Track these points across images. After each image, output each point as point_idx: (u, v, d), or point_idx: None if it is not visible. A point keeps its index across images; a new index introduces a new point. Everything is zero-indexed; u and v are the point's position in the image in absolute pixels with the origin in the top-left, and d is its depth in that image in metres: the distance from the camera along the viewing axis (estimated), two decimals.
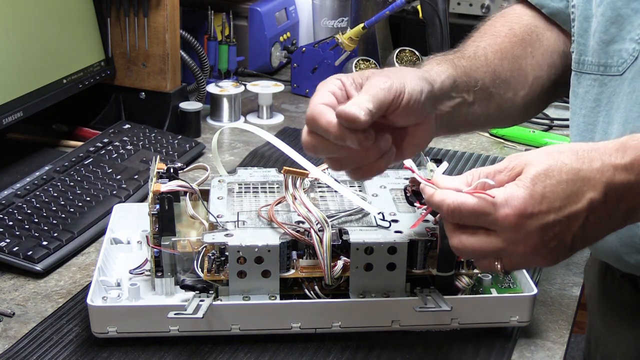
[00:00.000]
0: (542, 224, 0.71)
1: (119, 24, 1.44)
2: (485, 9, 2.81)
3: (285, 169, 0.91)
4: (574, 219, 0.72)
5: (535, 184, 0.71)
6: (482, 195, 0.72)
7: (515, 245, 0.73)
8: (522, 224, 0.71)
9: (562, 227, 0.72)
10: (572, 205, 0.72)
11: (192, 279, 0.90)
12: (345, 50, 1.64)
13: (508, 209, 0.71)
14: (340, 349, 0.90)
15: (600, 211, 0.72)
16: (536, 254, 0.73)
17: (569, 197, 0.71)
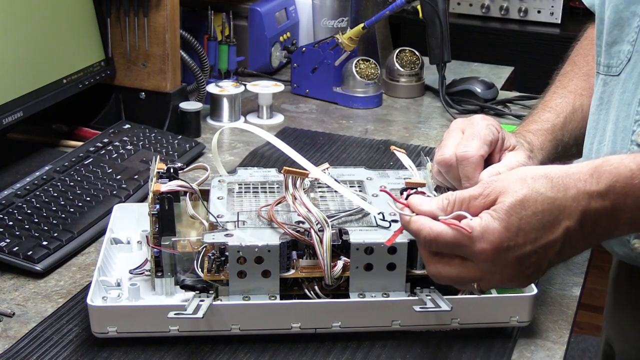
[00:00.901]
0: (519, 256, 0.73)
1: (119, 24, 1.44)
2: (485, 9, 2.81)
3: (285, 169, 0.91)
4: (550, 247, 0.73)
5: (511, 215, 0.72)
6: (458, 229, 0.73)
7: (492, 275, 0.74)
8: (499, 257, 0.72)
9: (539, 256, 0.73)
10: (548, 235, 0.72)
11: (192, 279, 0.90)
12: (345, 50, 1.64)
13: (485, 244, 0.72)
14: (340, 349, 0.90)
15: (576, 237, 0.73)
16: (513, 281, 0.75)
17: (544, 227, 0.72)
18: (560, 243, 0.73)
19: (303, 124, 1.57)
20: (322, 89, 1.69)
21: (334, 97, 1.68)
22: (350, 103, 1.66)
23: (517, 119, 1.58)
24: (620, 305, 1.11)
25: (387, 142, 1.47)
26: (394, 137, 1.50)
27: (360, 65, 1.66)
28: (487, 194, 0.74)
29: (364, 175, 1.05)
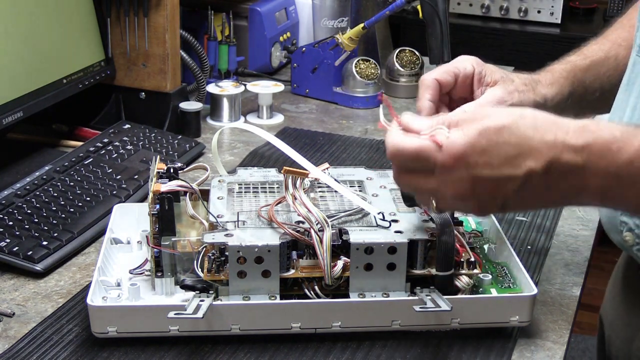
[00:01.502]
0: (474, 175, 0.73)
1: (119, 24, 1.44)
2: (485, 9, 2.81)
3: (285, 169, 0.91)
4: (508, 181, 0.73)
5: (482, 136, 0.73)
6: (426, 139, 0.74)
7: (446, 186, 0.75)
8: (456, 168, 0.73)
9: (494, 185, 0.73)
10: (509, 169, 0.72)
11: (192, 279, 0.90)
12: (345, 50, 1.64)
13: (447, 155, 0.73)
14: (340, 349, 0.90)
15: (537, 182, 0.73)
16: (465, 201, 0.75)
17: (508, 160, 0.72)
18: (519, 182, 0.72)
19: (303, 124, 1.57)
20: (322, 89, 1.69)
21: (334, 97, 1.68)
22: (350, 103, 1.66)
23: None
24: (616, 292, 1.11)
25: None
26: None
27: (360, 65, 1.66)
28: (475, 117, 0.74)
29: (364, 175, 1.05)
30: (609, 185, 0.72)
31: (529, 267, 1.06)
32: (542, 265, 1.08)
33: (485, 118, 0.74)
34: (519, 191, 0.73)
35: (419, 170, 0.77)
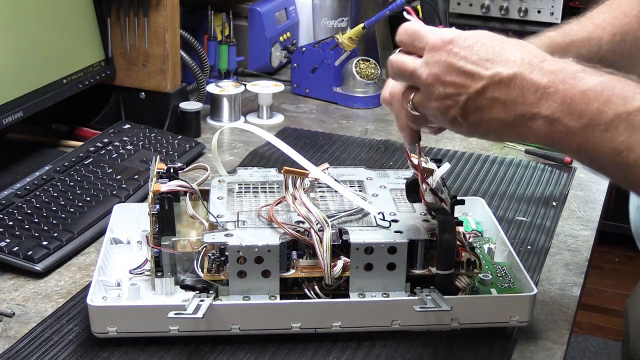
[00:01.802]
0: (450, 62, 0.77)
1: (119, 24, 1.44)
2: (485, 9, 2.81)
3: (285, 169, 0.91)
4: (475, 79, 0.76)
5: (473, 35, 0.78)
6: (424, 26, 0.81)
7: (425, 67, 0.78)
8: (440, 50, 0.78)
9: (462, 79, 0.77)
10: (478, 67, 0.76)
11: (192, 279, 0.90)
12: (345, 50, 1.64)
13: (437, 36, 0.79)
14: (340, 349, 0.90)
15: (499, 90, 0.75)
16: (433, 90, 0.78)
17: (482, 60, 0.76)
18: (483, 83, 0.76)
19: (303, 124, 1.57)
20: (322, 89, 1.69)
21: (334, 97, 1.68)
22: (350, 103, 1.66)
23: None
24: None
25: (387, 142, 1.47)
26: (394, 137, 1.50)
27: (360, 65, 1.66)
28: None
29: (364, 175, 1.05)
30: (560, 111, 0.73)
31: (529, 267, 1.06)
32: (542, 265, 1.08)
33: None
34: (480, 94, 0.76)
35: (411, 48, 0.81)
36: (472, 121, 0.78)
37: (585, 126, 0.71)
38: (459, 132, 0.81)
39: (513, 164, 1.39)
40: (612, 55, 0.98)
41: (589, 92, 0.72)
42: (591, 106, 0.71)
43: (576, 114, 0.72)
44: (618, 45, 0.98)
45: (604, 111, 0.70)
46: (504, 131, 0.77)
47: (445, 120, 0.80)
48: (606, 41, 0.99)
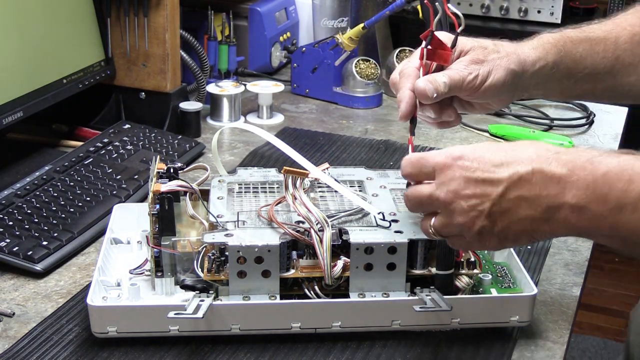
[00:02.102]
0: (467, 176, 0.77)
1: (119, 24, 1.44)
2: (485, 9, 2.81)
3: (285, 169, 0.91)
4: (494, 184, 0.76)
5: (477, 147, 0.79)
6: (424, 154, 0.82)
7: (440, 188, 0.78)
8: (449, 167, 0.78)
9: (482, 189, 0.77)
10: (497, 172, 0.76)
11: (192, 279, 0.90)
12: (345, 50, 1.64)
13: (443, 155, 0.79)
14: (340, 349, 0.90)
15: (521, 189, 0.76)
16: (454, 207, 0.78)
17: (498, 165, 0.77)
18: (504, 185, 0.76)
19: (303, 124, 1.57)
20: (322, 89, 1.69)
21: (334, 97, 1.68)
22: (350, 103, 1.66)
23: (517, 119, 1.58)
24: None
25: (387, 142, 1.47)
26: (394, 137, 1.50)
27: (360, 65, 1.66)
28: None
29: (364, 175, 1.05)
30: (585, 197, 0.73)
31: (529, 267, 1.06)
32: (542, 265, 1.08)
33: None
34: (502, 199, 0.76)
35: (421, 177, 0.82)
36: (500, 227, 0.78)
37: (613, 209, 0.72)
38: (490, 248, 0.81)
39: None
40: (631, 56, 0.98)
41: (610, 174, 0.72)
42: (615, 188, 0.72)
43: (602, 198, 0.72)
44: (637, 45, 0.98)
45: (629, 190, 0.71)
46: (535, 229, 0.77)
47: (473, 234, 0.79)
48: (624, 40, 0.99)
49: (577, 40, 0.98)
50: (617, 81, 0.99)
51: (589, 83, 0.99)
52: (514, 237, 0.78)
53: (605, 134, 1.56)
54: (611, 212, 0.72)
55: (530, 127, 1.54)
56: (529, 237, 0.78)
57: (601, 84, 0.99)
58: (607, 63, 0.98)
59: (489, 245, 0.80)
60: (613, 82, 0.99)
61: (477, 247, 0.81)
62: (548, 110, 1.64)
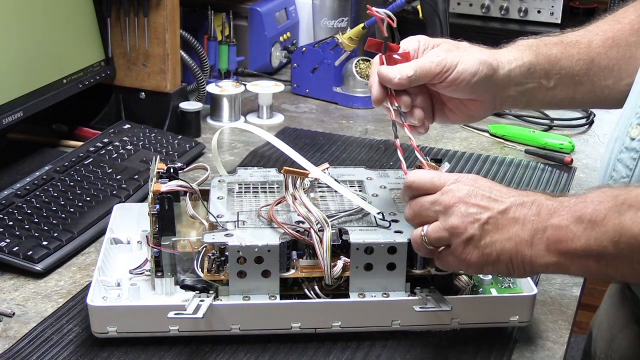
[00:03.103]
0: (476, 190, 0.82)
1: (119, 24, 1.44)
2: (485, 9, 2.81)
3: (285, 169, 0.91)
4: (498, 202, 0.81)
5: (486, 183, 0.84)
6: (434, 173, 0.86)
7: (447, 194, 0.82)
8: (463, 182, 0.83)
9: (486, 202, 0.81)
10: (503, 196, 0.81)
11: (192, 279, 0.90)
12: (345, 50, 1.64)
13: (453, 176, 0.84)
14: (340, 349, 0.90)
15: (520, 211, 0.80)
16: (455, 209, 0.81)
17: (507, 193, 0.82)
18: (507, 204, 0.80)
19: (303, 124, 1.57)
20: (322, 89, 1.69)
21: (334, 97, 1.68)
22: (350, 103, 1.66)
23: (517, 119, 1.58)
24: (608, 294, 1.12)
25: (387, 142, 1.47)
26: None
27: (360, 65, 1.66)
28: None
29: (364, 175, 1.05)
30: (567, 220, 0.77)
31: None
32: None
33: None
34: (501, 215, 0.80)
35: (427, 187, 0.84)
36: (488, 241, 0.80)
37: (586, 227, 0.76)
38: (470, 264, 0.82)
39: (513, 164, 1.39)
40: (605, 59, 0.99)
41: (587, 198, 0.78)
42: (589, 207, 0.76)
43: (579, 219, 0.77)
44: (611, 49, 0.99)
45: (599, 209, 0.76)
46: (518, 251, 0.80)
47: (459, 242, 0.81)
48: (597, 44, 1.00)
49: (551, 43, 0.99)
50: (594, 85, 1.00)
51: (568, 87, 0.99)
52: (496, 255, 0.80)
53: (605, 134, 1.56)
54: (584, 229, 0.76)
55: (530, 127, 1.54)
56: (508, 260, 0.80)
57: (580, 88, 0.99)
58: (582, 65, 0.99)
59: (470, 259, 0.81)
60: (591, 85, 1.00)
61: (459, 259, 0.82)
62: (548, 110, 1.64)
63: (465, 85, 0.92)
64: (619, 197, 0.75)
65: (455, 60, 0.91)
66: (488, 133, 1.52)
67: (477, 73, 0.92)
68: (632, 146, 0.89)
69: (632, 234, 0.73)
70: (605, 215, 0.75)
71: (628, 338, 1.02)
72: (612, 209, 0.75)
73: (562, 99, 1.00)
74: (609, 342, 1.06)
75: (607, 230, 0.75)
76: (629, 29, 1.00)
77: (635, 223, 0.73)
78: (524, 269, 0.80)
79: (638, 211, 0.73)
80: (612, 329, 1.06)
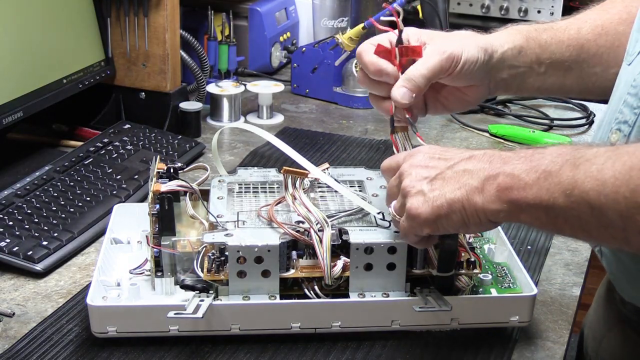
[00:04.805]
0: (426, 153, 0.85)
1: (119, 24, 1.44)
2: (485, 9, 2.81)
3: (285, 169, 0.91)
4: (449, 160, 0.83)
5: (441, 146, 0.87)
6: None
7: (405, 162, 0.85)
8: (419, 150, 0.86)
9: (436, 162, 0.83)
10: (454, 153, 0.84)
11: (192, 279, 0.90)
12: (345, 50, 1.64)
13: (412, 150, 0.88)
14: (340, 349, 0.90)
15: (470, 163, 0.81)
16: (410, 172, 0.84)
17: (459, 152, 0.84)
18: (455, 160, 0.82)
19: (303, 124, 1.57)
20: (322, 89, 1.69)
21: (334, 97, 1.68)
22: (350, 103, 1.66)
23: (517, 119, 1.58)
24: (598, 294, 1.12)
25: (387, 142, 1.47)
26: None
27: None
28: None
29: (364, 175, 1.05)
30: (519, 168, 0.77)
31: (529, 267, 1.06)
32: (542, 265, 1.08)
33: None
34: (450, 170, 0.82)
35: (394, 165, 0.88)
36: (437, 194, 0.81)
37: (539, 176, 0.76)
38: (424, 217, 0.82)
39: None
40: (595, 46, 1.00)
41: (546, 150, 0.77)
42: (546, 158, 0.76)
43: (533, 168, 0.76)
44: (600, 36, 1.00)
45: (555, 160, 0.75)
46: (469, 198, 0.79)
47: (410, 199, 0.82)
48: (586, 31, 1.01)
49: (541, 29, 1.00)
50: (583, 71, 1.00)
51: (558, 72, 1.00)
52: (447, 205, 0.80)
53: None
54: (537, 179, 0.76)
55: (530, 127, 1.54)
56: (461, 209, 0.80)
57: (570, 74, 1.00)
58: (572, 51, 0.99)
59: (422, 214, 0.81)
60: (580, 72, 1.00)
61: (412, 220, 0.82)
62: (548, 110, 1.64)
63: (470, 73, 0.93)
64: (578, 151, 0.75)
65: (459, 50, 0.92)
66: (488, 133, 1.52)
67: (478, 59, 0.93)
68: None
69: (583, 189, 0.72)
70: (560, 167, 0.74)
71: (617, 337, 1.03)
72: (568, 161, 0.74)
73: (552, 84, 1.01)
74: (598, 342, 1.07)
75: (560, 182, 0.74)
76: (617, 19, 1.01)
77: (589, 178, 0.72)
78: (479, 217, 0.80)
79: (593, 165, 0.72)
80: (602, 329, 1.06)
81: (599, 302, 1.11)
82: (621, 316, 1.01)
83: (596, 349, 1.07)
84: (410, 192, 0.82)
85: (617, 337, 1.02)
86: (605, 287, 1.10)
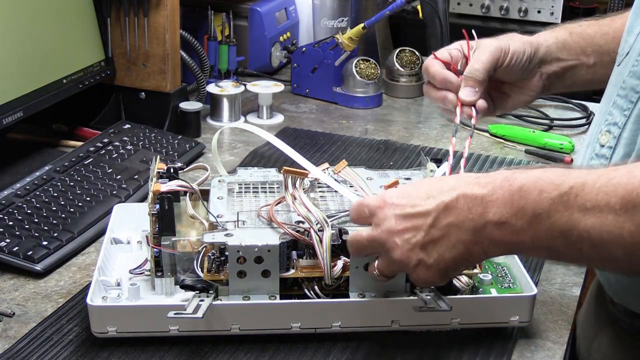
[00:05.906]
0: (397, 213, 0.80)
1: (119, 24, 1.44)
2: (485, 9, 2.81)
3: (285, 169, 0.91)
4: (424, 216, 0.79)
5: (405, 187, 0.84)
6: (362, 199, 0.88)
7: (376, 229, 0.82)
8: (381, 208, 0.82)
9: (412, 222, 0.80)
10: (424, 205, 0.79)
11: (192, 279, 0.90)
12: (345, 50, 1.64)
13: (377, 199, 0.83)
14: (340, 349, 0.90)
15: (449, 216, 0.78)
16: (390, 244, 0.81)
17: (424, 198, 0.80)
18: (434, 215, 0.79)
19: (303, 124, 1.57)
20: (322, 89, 1.69)
21: (334, 97, 1.68)
22: (350, 103, 1.66)
23: (517, 119, 1.58)
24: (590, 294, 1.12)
25: (387, 142, 1.47)
26: (394, 137, 1.50)
27: (360, 65, 1.66)
28: None
29: (364, 175, 1.05)
30: (506, 214, 0.75)
31: (529, 267, 1.06)
32: (542, 265, 1.08)
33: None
34: (433, 228, 0.79)
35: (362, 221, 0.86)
36: (436, 256, 0.80)
37: (531, 220, 0.74)
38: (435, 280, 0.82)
39: (513, 163, 1.39)
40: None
41: (524, 188, 0.75)
42: (529, 200, 0.74)
43: (520, 212, 0.75)
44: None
45: (541, 200, 0.73)
46: (469, 252, 0.79)
47: (412, 269, 0.82)
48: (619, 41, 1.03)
49: (586, 24, 1.06)
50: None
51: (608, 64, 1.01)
52: (451, 263, 0.80)
53: None
54: (530, 223, 0.74)
55: (530, 127, 1.54)
56: (466, 261, 0.80)
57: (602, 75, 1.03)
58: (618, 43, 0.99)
59: (433, 277, 0.82)
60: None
61: (424, 281, 0.83)
62: (548, 110, 1.64)
63: (520, 65, 1.00)
64: (559, 185, 0.73)
65: (506, 43, 0.99)
66: (488, 133, 1.52)
67: (525, 52, 0.99)
68: (601, 153, 0.90)
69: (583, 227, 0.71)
70: (549, 207, 0.73)
71: (608, 338, 1.03)
72: (555, 200, 0.72)
73: (603, 77, 1.02)
74: (590, 342, 1.07)
75: (554, 223, 0.73)
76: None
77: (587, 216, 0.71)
78: (484, 257, 0.82)
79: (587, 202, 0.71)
80: (593, 329, 1.06)
81: (590, 302, 1.11)
82: (612, 317, 1.01)
83: (588, 349, 1.07)
84: (409, 264, 0.81)
85: (608, 337, 1.03)
86: (596, 287, 1.10)
